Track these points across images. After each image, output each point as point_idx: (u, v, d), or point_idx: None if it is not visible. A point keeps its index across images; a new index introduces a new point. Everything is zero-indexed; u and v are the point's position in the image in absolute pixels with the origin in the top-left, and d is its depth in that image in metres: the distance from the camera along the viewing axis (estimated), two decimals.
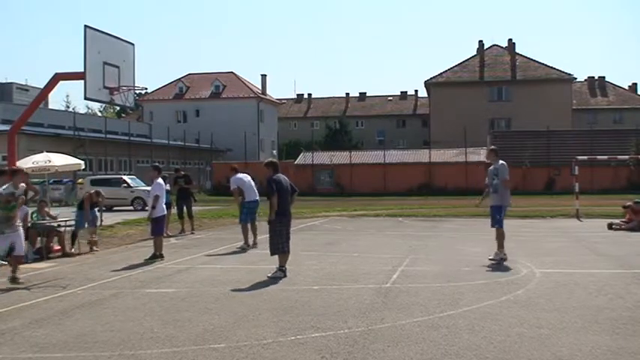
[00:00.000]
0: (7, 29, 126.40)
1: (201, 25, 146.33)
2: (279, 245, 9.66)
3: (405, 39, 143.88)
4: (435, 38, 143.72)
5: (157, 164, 13.52)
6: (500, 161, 11.17)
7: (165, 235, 14.09)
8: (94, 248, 13.48)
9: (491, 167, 11.30)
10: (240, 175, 14.57)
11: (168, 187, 16.77)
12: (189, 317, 6.92)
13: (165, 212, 12.96)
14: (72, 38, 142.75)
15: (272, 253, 9.69)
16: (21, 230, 9.51)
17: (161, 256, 11.74)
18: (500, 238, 10.96)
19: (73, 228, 13.52)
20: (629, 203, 17.15)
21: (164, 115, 61.37)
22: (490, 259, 10.79)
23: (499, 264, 10.53)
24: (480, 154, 46.03)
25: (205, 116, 61.56)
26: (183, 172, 18.32)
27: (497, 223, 11.00)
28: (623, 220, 16.87)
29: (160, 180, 12.30)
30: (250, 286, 8.82)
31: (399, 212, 24.54)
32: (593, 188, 35.57)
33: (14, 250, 9.28)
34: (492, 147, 11.84)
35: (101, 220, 14.06)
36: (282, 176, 9.89)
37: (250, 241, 13.86)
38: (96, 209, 13.77)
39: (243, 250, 13.44)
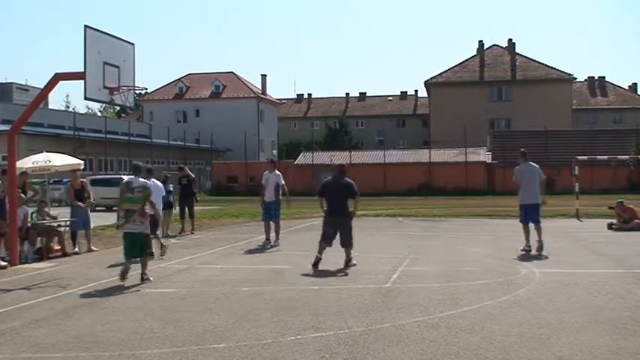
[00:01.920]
0: (7, 29, 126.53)
1: (201, 25, 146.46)
2: (322, 234, 10.63)
3: (405, 39, 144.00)
4: (435, 38, 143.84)
5: (149, 166, 13.25)
6: (520, 164, 12.51)
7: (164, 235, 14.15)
8: (93, 248, 13.44)
9: (519, 168, 12.59)
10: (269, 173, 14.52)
11: (171, 187, 16.78)
12: (189, 317, 6.92)
13: (154, 212, 12.93)
14: (72, 38, 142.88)
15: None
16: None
17: (151, 255, 11.80)
18: (539, 232, 12.13)
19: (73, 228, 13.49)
20: (613, 205, 17.36)
21: (164, 115, 61.36)
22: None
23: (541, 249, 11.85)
24: (479, 154, 46.09)
25: (205, 116, 61.55)
26: (187, 172, 18.30)
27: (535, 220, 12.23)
28: (620, 220, 16.88)
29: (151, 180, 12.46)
30: (250, 286, 8.82)
31: (399, 212, 24.55)
32: (593, 188, 35.57)
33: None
34: (521, 149, 12.95)
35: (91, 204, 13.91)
36: (338, 179, 10.68)
37: (271, 238, 14.23)
38: (88, 208, 13.64)
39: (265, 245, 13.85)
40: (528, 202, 12.29)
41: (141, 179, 9.75)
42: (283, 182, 14.50)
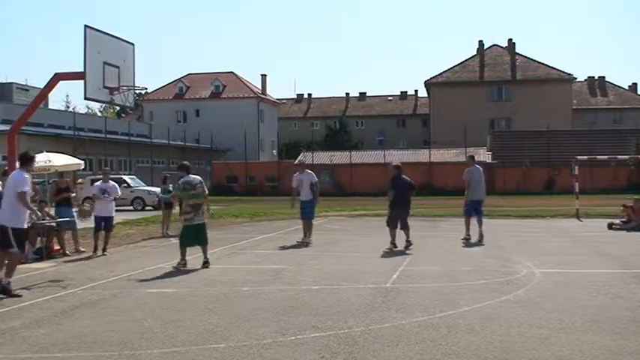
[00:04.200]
0: (7, 29, 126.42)
1: (201, 25, 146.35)
2: (390, 224, 13.08)
3: (405, 39, 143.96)
4: (435, 38, 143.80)
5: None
6: (471, 167, 14.83)
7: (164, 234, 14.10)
8: (80, 249, 13.35)
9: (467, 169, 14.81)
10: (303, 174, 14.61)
11: (171, 187, 16.77)
12: (189, 317, 6.92)
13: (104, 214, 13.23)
14: (72, 38, 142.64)
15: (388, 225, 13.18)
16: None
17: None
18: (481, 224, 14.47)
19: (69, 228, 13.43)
20: (630, 203, 17.10)
21: (164, 115, 61.34)
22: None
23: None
24: (479, 154, 46.07)
25: (205, 116, 61.53)
26: None
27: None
28: (622, 219, 16.85)
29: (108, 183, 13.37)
30: (250, 286, 8.82)
31: None
32: (593, 188, 35.55)
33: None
34: (469, 154, 16.08)
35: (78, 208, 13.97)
36: (403, 178, 13.19)
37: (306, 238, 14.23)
38: (73, 209, 13.65)
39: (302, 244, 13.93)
40: (477, 199, 14.53)
41: (192, 176, 10.94)
42: (316, 179, 14.67)
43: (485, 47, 62.79)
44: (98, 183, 13.52)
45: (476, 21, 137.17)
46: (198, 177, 11.08)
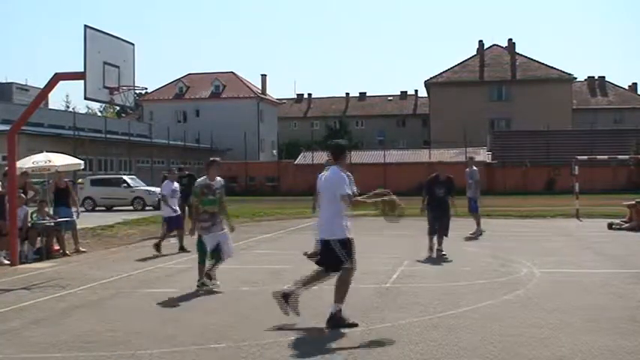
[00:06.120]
0: (6, 29, 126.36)
1: (201, 25, 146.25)
2: (430, 228, 12.02)
3: (404, 39, 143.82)
4: (435, 38, 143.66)
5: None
6: (474, 167, 16.49)
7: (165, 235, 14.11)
8: (81, 249, 13.34)
9: (468, 170, 16.30)
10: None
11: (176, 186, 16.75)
12: (189, 317, 6.93)
13: (173, 214, 13.21)
14: (72, 38, 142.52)
15: (428, 233, 12.01)
16: (227, 231, 8.91)
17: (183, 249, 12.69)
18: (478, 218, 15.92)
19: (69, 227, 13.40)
20: (632, 202, 17.04)
21: (164, 115, 61.31)
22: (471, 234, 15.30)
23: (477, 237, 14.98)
24: (479, 154, 46.08)
25: (205, 116, 61.49)
26: (187, 172, 18.20)
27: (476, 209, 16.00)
28: (624, 219, 16.82)
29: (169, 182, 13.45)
30: (250, 286, 8.82)
31: (398, 212, 24.47)
32: (593, 188, 35.49)
33: (220, 251, 8.70)
34: (470, 156, 18.45)
35: (78, 213, 13.94)
36: (441, 176, 12.44)
37: None
38: (72, 208, 13.61)
39: None
40: (476, 196, 16.04)
41: (218, 178, 9.06)
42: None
43: (485, 47, 62.75)
44: (167, 183, 13.49)
45: (476, 21, 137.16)
46: (220, 179, 9.15)
